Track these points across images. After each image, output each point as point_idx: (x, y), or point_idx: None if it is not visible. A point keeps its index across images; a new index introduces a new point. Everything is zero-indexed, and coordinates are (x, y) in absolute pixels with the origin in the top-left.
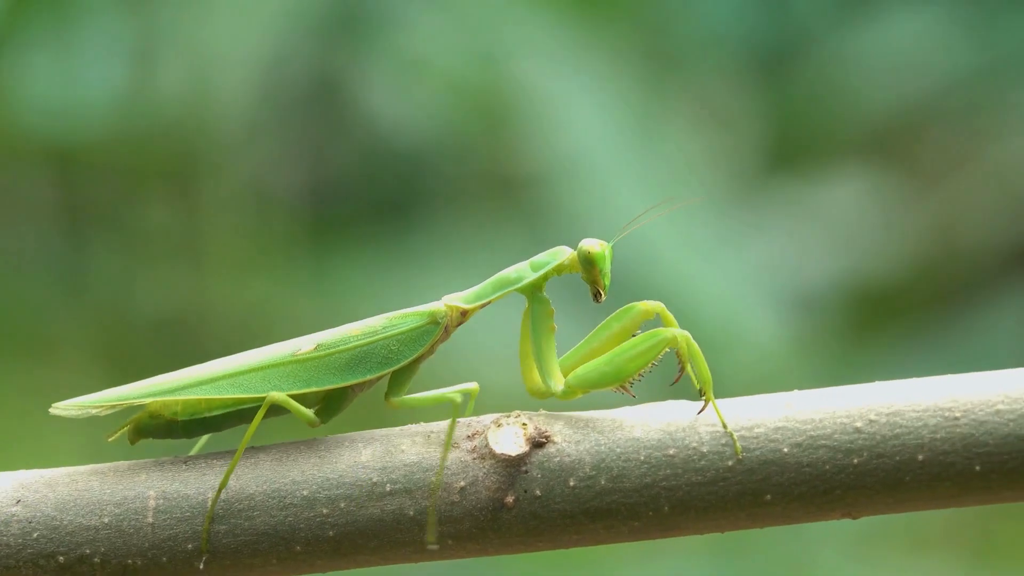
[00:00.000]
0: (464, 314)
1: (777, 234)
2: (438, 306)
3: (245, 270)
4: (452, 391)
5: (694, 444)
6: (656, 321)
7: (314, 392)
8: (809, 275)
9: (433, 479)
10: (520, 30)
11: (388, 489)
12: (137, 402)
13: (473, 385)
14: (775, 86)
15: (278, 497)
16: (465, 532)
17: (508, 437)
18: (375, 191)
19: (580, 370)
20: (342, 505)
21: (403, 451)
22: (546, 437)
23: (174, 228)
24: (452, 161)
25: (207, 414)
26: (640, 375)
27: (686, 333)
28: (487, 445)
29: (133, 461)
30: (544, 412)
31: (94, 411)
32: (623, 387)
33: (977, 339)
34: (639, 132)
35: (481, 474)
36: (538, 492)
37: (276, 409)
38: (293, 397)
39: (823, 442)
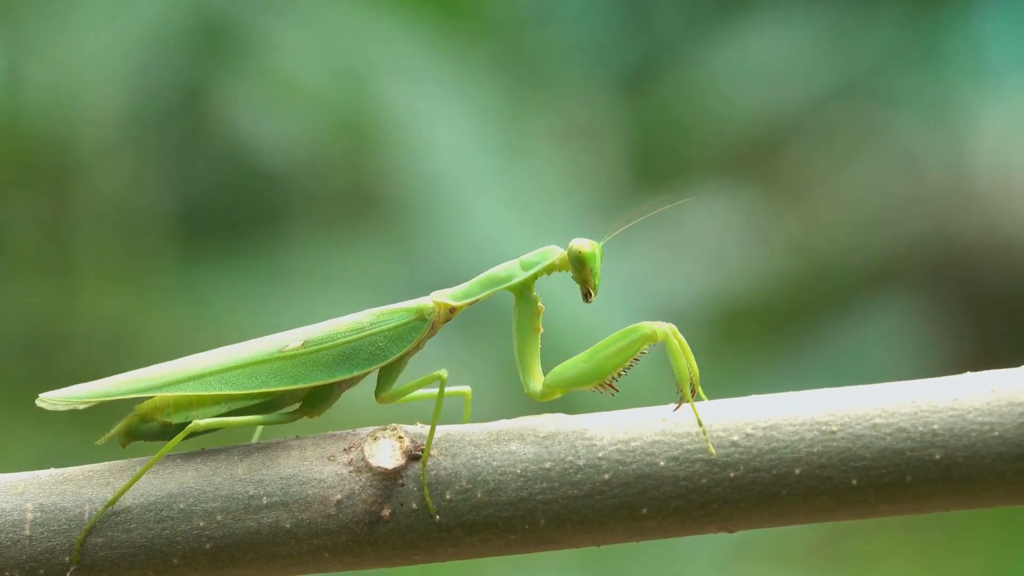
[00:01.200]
0: (452, 311)
1: (643, 249)
2: (426, 302)
3: (111, 284)
4: (451, 392)
5: (570, 458)
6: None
7: (301, 388)
8: (675, 290)
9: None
10: (385, 49)
11: (265, 502)
12: (123, 397)
13: (466, 388)
14: (639, 102)
15: (155, 510)
16: (342, 545)
17: (384, 450)
18: (241, 206)
19: (559, 369)
20: (219, 518)
21: (280, 464)
22: (422, 450)
23: (39, 241)
24: (317, 177)
25: (199, 415)
26: (620, 373)
27: (666, 329)
28: (364, 458)
29: (12, 474)
30: (420, 425)
31: (80, 405)
32: (603, 385)
33: (841, 353)
34: (503, 148)
35: (357, 487)
36: (414, 505)
37: (261, 408)
38: (282, 393)
39: (699, 456)
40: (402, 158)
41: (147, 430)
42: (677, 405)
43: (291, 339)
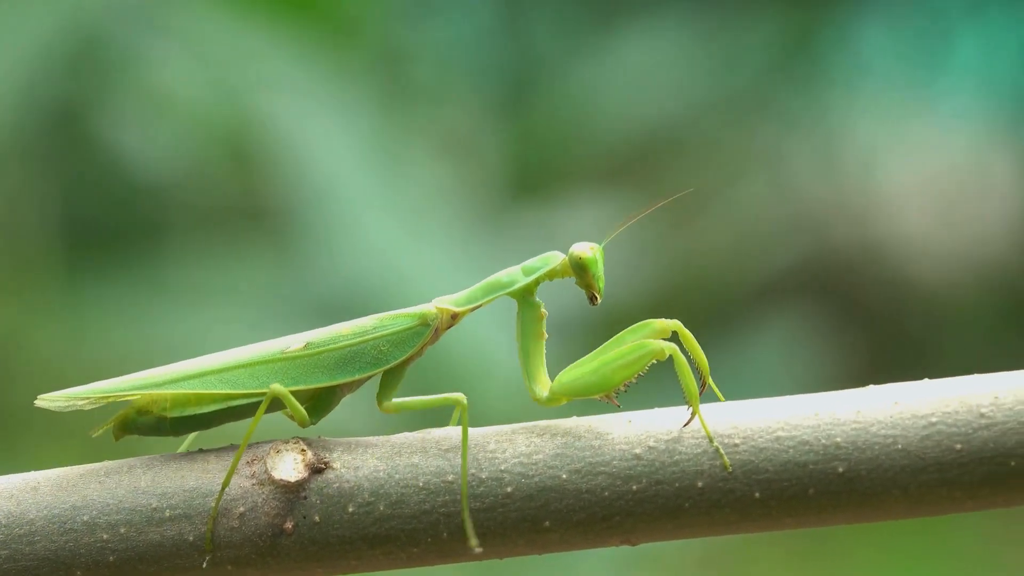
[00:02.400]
0: (454, 317)
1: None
2: (428, 308)
3: None
4: (441, 398)
5: (472, 471)
6: (673, 338)
7: (303, 390)
8: (557, 303)
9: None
10: (265, 63)
11: (168, 515)
12: (126, 396)
13: (460, 396)
14: (518, 113)
15: (59, 522)
16: (244, 558)
17: (287, 463)
18: (125, 221)
19: (566, 377)
20: (122, 530)
21: (183, 476)
22: (325, 463)
23: None
24: (200, 191)
25: (196, 410)
26: (626, 385)
27: (674, 346)
28: (266, 471)
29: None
30: (324, 438)
31: (81, 404)
32: (608, 396)
33: (725, 367)
34: (384, 160)
35: (260, 500)
36: (317, 518)
37: (259, 407)
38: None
39: (602, 469)
40: (285, 171)
41: (142, 423)
42: (688, 420)
43: (293, 341)
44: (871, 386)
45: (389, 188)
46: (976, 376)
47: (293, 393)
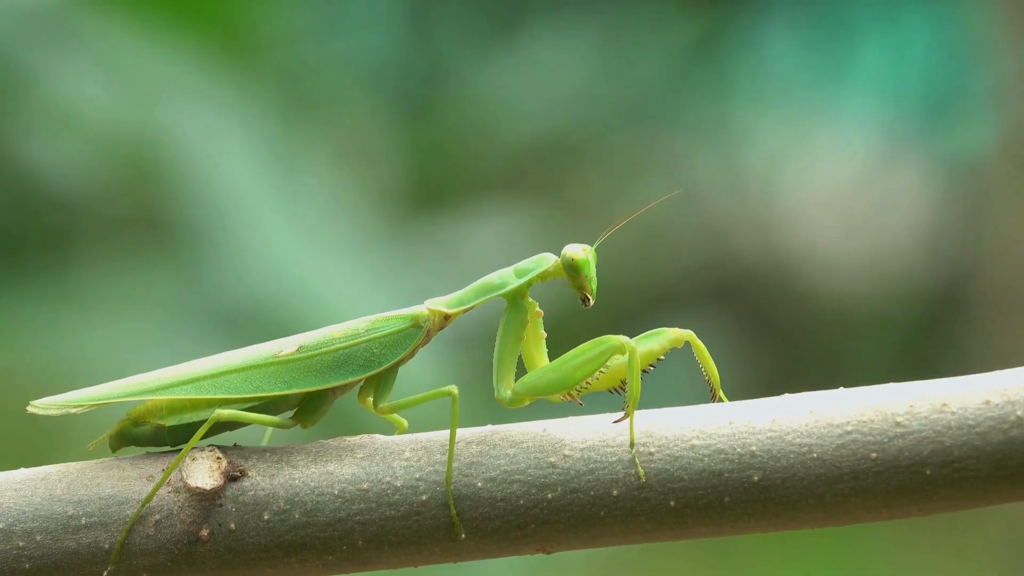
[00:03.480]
0: (447, 318)
1: (427, 267)
2: (420, 310)
3: None
4: (430, 394)
5: (387, 479)
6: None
7: (295, 394)
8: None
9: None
10: (170, 77)
11: (84, 522)
12: (118, 401)
13: (452, 387)
14: (420, 121)
15: None
16: (160, 565)
17: (202, 471)
18: (28, 233)
19: (527, 377)
20: (38, 538)
21: (99, 484)
22: (240, 471)
23: None
24: (104, 203)
25: (192, 417)
26: (587, 383)
27: (632, 343)
28: (182, 479)
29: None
30: (239, 445)
31: (74, 410)
32: (570, 395)
33: None
34: (287, 172)
35: (176, 507)
36: (232, 526)
37: (262, 411)
38: (276, 398)
39: (517, 477)
40: (189, 183)
41: (139, 434)
42: (620, 418)
43: (286, 344)
44: (786, 395)
45: (292, 199)
46: (892, 385)
47: (286, 396)
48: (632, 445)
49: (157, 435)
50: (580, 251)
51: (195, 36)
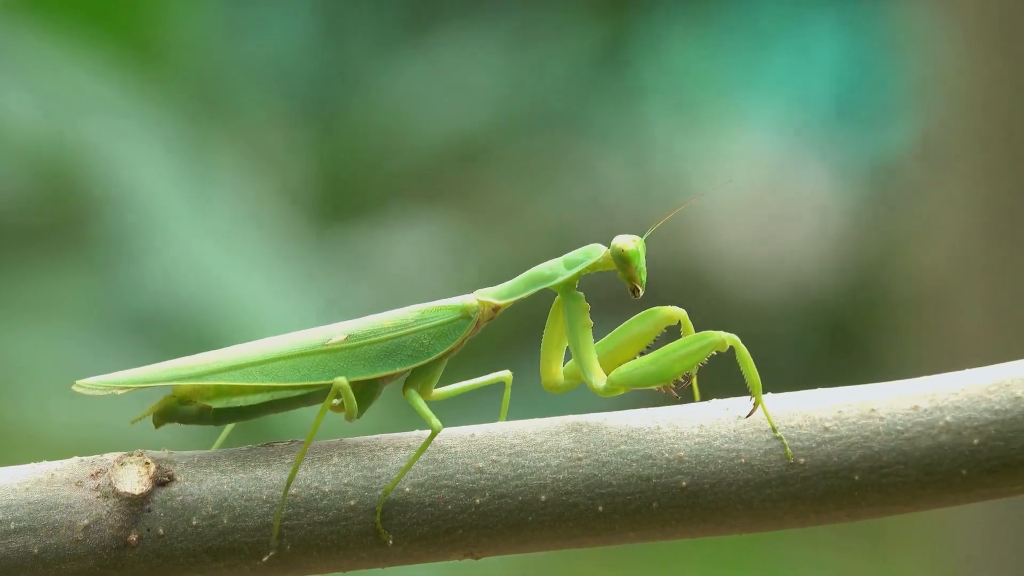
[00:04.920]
0: (496, 309)
1: (341, 273)
2: (470, 300)
3: None
4: (488, 379)
5: (316, 484)
6: (677, 328)
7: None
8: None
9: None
10: (81, 83)
11: (12, 527)
12: (164, 384)
13: (506, 373)
14: (332, 129)
15: None
16: (90, 570)
17: (131, 476)
18: None
19: (624, 368)
20: None
21: (27, 489)
22: (169, 476)
23: None
24: (19, 212)
25: (240, 402)
26: (684, 376)
27: (735, 337)
28: (111, 484)
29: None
30: (168, 450)
31: (119, 391)
32: (667, 387)
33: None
34: (199, 177)
35: (105, 512)
36: (161, 531)
37: (303, 400)
38: (323, 387)
39: (445, 482)
40: (104, 190)
41: (184, 412)
42: (751, 411)
43: (334, 333)
44: (713, 400)
45: (206, 205)
46: (820, 390)
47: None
48: (775, 429)
49: (203, 415)
50: (630, 242)
51: (108, 45)
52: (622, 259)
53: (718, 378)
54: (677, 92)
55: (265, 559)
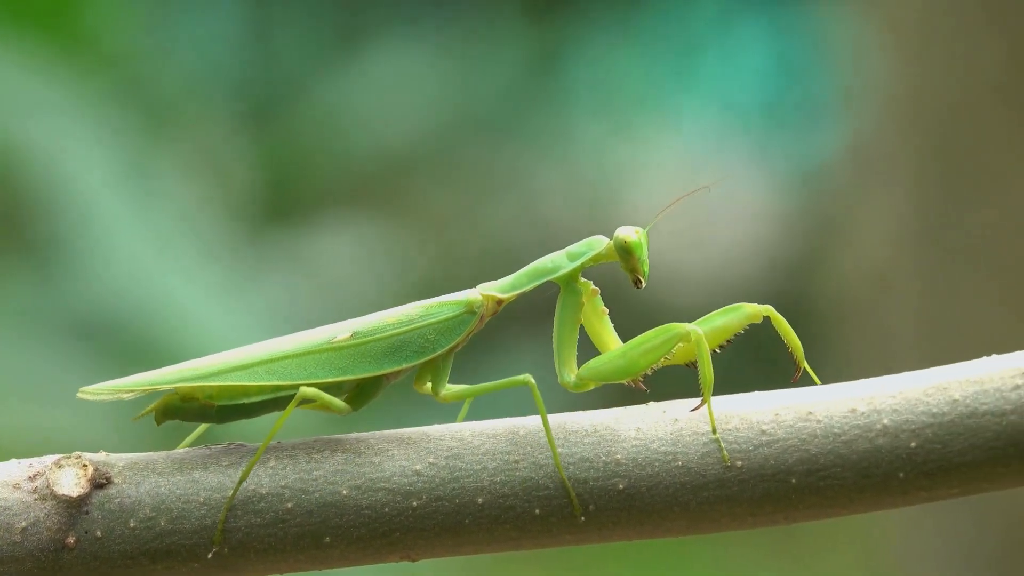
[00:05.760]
0: (500, 303)
1: (280, 278)
2: (474, 295)
3: None
4: (507, 381)
5: (253, 487)
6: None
7: (349, 380)
8: (311, 323)
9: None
10: (19, 87)
11: None
12: (171, 387)
13: (527, 376)
14: (270, 133)
15: None
16: (27, 572)
17: (69, 478)
18: None
19: (593, 362)
20: None
21: None
22: (107, 478)
23: None
24: None
25: (244, 400)
26: (652, 369)
27: (699, 330)
28: (48, 486)
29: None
30: (105, 453)
31: (125, 396)
32: (635, 381)
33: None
34: (138, 181)
35: (42, 515)
36: (99, 533)
37: (304, 400)
38: (329, 385)
39: (382, 485)
40: (44, 196)
41: (187, 409)
42: (697, 406)
43: (339, 331)
44: (651, 403)
45: (146, 211)
46: (757, 393)
47: (340, 383)
48: (714, 431)
49: (206, 412)
50: (633, 233)
51: (47, 49)
52: (625, 250)
53: (671, 379)
54: (608, 98)
55: (210, 555)
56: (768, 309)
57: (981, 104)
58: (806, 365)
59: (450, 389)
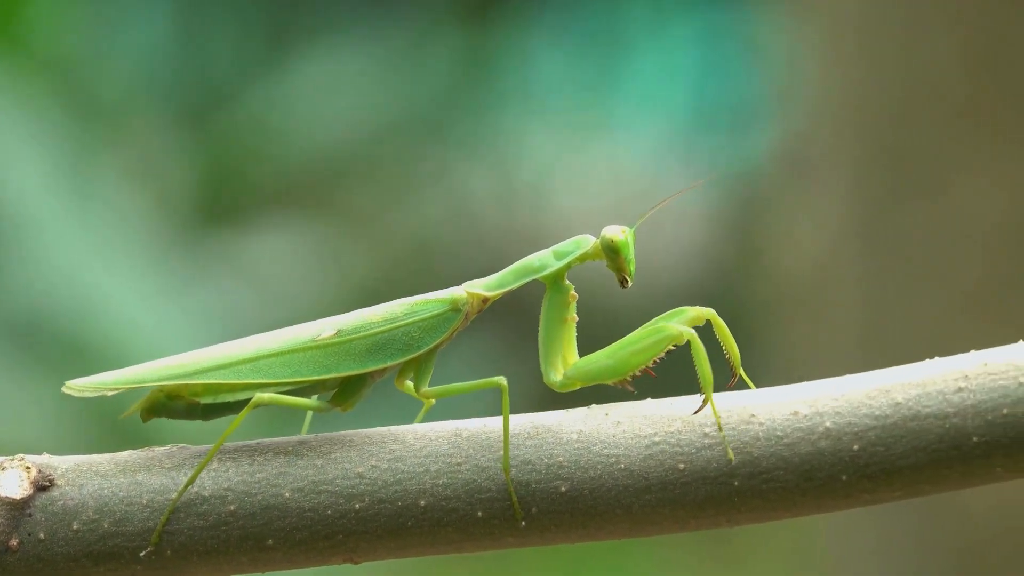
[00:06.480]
0: (485, 301)
1: (215, 281)
2: (459, 292)
3: None
4: (481, 383)
5: (195, 489)
6: (707, 327)
7: (333, 378)
8: (247, 324)
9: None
10: None
11: None
12: (154, 384)
13: (500, 379)
14: (205, 135)
15: None
16: None
17: (12, 480)
18: None
19: (581, 362)
20: None
21: None
22: (50, 480)
23: None
24: None
25: (229, 397)
26: (641, 371)
27: (692, 331)
28: None
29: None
30: (48, 455)
31: (108, 392)
32: (624, 382)
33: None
34: (75, 185)
35: None
36: (42, 535)
37: (292, 395)
38: (313, 383)
39: (325, 487)
40: None
41: (172, 407)
42: (699, 407)
43: (324, 328)
44: (592, 405)
45: (80, 213)
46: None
47: (324, 381)
48: (720, 428)
49: (191, 410)
50: (620, 232)
51: None
52: (612, 249)
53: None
54: (539, 100)
55: (142, 554)
56: (710, 312)
57: (919, 103)
58: (742, 372)
59: (432, 388)
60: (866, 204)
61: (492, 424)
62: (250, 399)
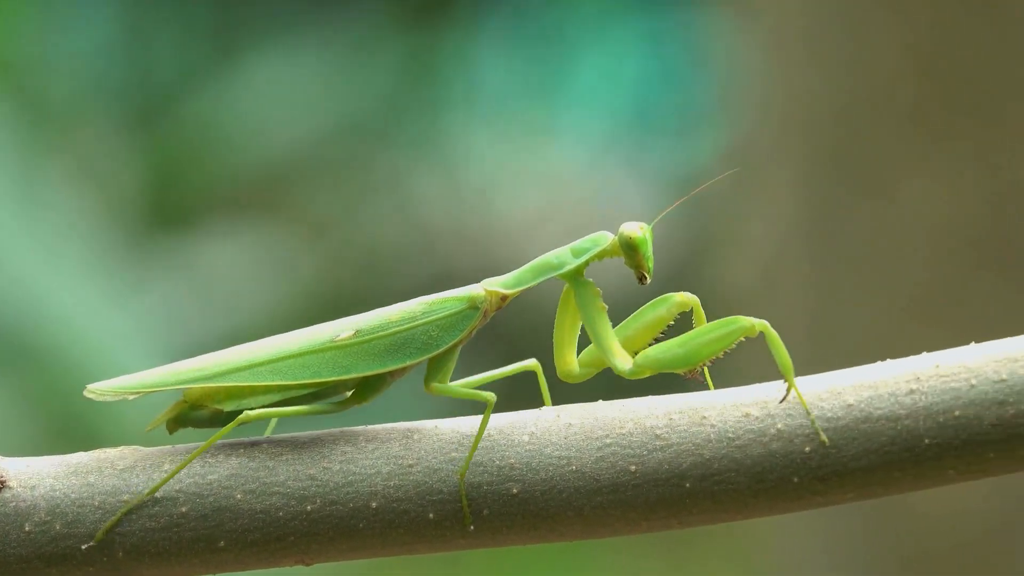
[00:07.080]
0: (504, 299)
1: (166, 285)
2: (477, 290)
3: None
4: (512, 369)
5: (147, 491)
6: (690, 314)
7: (353, 378)
8: (197, 330)
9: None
10: None
11: None
12: (175, 387)
13: (533, 361)
14: (154, 139)
15: None
16: None
17: None
18: None
19: (652, 351)
20: None
21: None
22: (2, 482)
23: None
24: None
25: (252, 403)
26: (710, 361)
27: (765, 322)
28: None
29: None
30: (14, 458)
31: (129, 396)
32: (693, 371)
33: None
34: (22, 190)
35: None
36: None
37: (314, 397)
38: (333, 383)
39: (277, 489)
40: None
41: (197, 417)
42: (784, 395)
43: (342, 329)
44: (544, 408)
45: (26, 216)
46: (650, 398)
47: (344, 381)
48: (809, 412)
49: (215, 418)
50: (638, 229)
51: None
52: (629, 246)
53: (521, 391)
54: (485, 103)
55: (84, 547)
56: (694, 299)
57: (865, 105)
58: (707, 369)
59: (440, 385)
60: (813, 206)
61: (444, 426)
62: (270, 404)
